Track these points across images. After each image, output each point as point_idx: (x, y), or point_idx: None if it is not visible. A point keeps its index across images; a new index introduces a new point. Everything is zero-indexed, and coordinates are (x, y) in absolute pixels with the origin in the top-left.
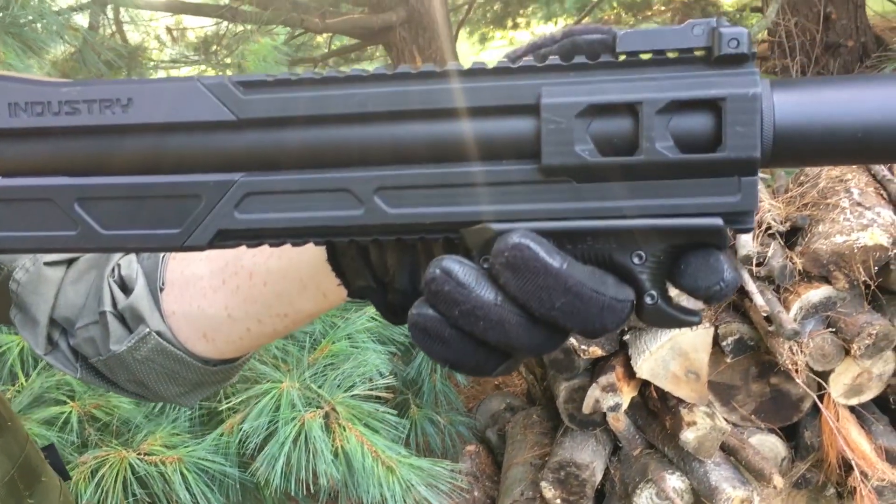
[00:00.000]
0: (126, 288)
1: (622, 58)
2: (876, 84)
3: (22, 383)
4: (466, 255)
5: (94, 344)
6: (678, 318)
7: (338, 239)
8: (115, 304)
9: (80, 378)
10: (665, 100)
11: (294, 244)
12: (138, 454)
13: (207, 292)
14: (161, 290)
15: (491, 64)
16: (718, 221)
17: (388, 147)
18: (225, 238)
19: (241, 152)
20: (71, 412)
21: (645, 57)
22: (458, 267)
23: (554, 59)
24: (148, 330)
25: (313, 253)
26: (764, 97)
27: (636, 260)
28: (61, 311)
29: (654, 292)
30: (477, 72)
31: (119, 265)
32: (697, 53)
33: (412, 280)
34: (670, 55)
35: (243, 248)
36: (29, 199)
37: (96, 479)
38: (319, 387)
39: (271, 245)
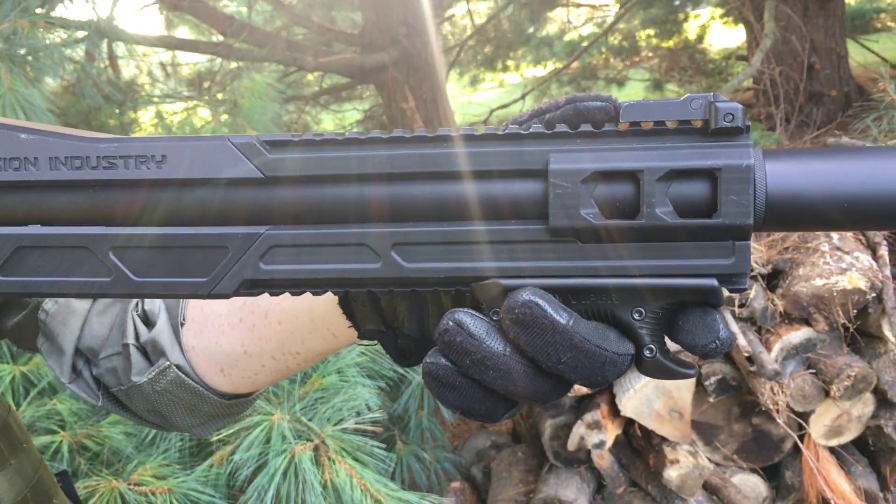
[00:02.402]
0: (149, 322)
1: (625, 126)
2: (861, 156)
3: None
4: (476, 308)
5: (116, 374)
6: (675, 371)
7: (356, 290)
8: (137, 336)
9: (102, 406)
10: (665, 168)
11: (314, 293)
12: (128, 484)
13: (225, 329)
14: (182, 325)
15: (503, 130)
16: (713, 282)
17: (407, 206)
18: (250, 287)
19: (266, 207)
20: (62, 441)
21: (647, 127)
22: (469, 319)
23: (562, 127)
24: (168, 363)
25: (326, 296)
26: (757, 167)
27: (636, 316)
28: (86, 342)
29: (653, 346)
30: (491, 137)
31: (142, 300)
32: (695, 125)
33: (420, 327)
34: (670, 126)
35: None
36: (67, 246)
37: None
38: (310, 420)
39: (293, 294)
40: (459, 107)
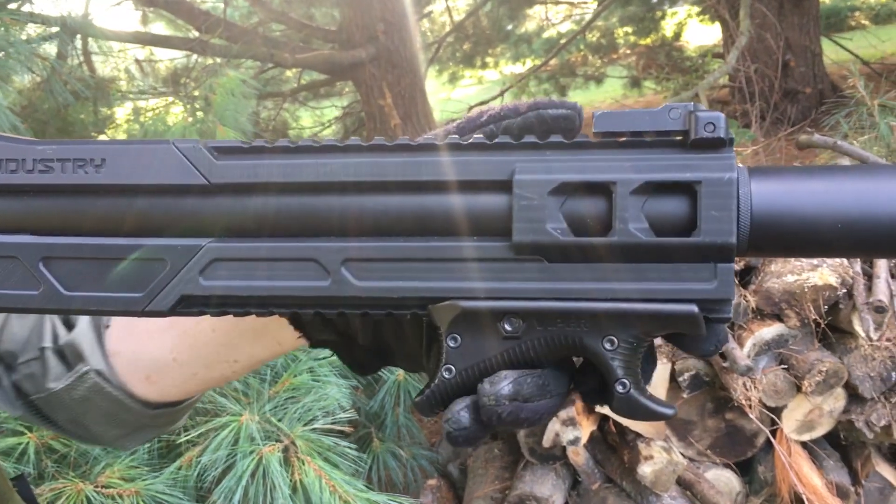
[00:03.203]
0: (70, 324)
1: (598, 137)
2: (856, 176)
3: None
4: (434, 331)
5: (34, 381)
6: (651, 410)
7: (303, 311)
8: (56, 339)
9: (20, 417)
10: (639, 181)
11: (258, 314)
12: (95, 487)
13: (154, 334)
14: (106, 328)
15: (468, 140)
16: (693, 308)
17: (358, 218)
18: (188, 305)
19: (210, 217)
20: (28, 443)
21: (621, 138)
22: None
23: (530, 138)
24: (87, 368)
25: None
26: (741, 183)
27: (608, 345)
28: (4, 346)
29: (626, 381)
30: (454, 147)
31: None
32: (674, 137)
33: (376, 338)
34: (647, 137)
35: None
36: None
37: None
38: (279, 420)
39: (235, 315)
40: (438, 103)
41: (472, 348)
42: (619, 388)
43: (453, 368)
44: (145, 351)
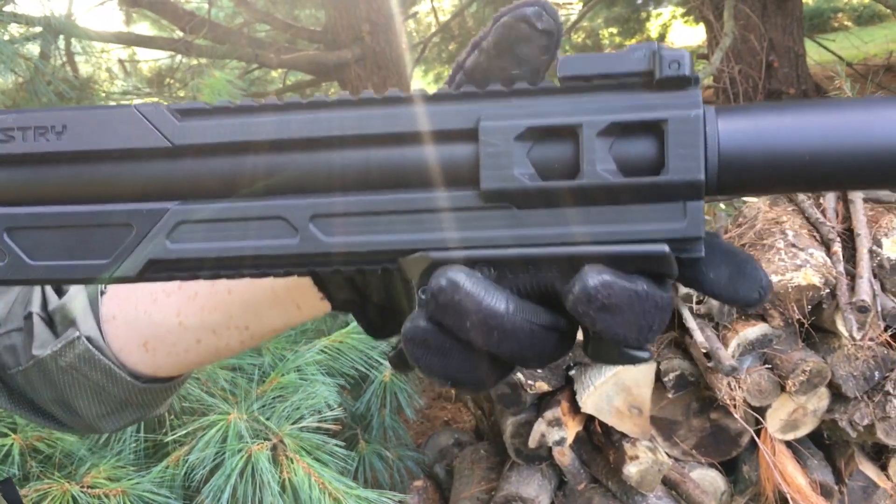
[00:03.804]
0: (62, 291)
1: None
2: (822, 109)
3: None
4: (406, 285)
5: (14, 353)
6: (626, 355)
7: (274, 271)
8: (45, 305)
9: None
10: (605, 122)
11: (229, 277)
12: (81, 487)
13: (159, 296)
14: (102, 293)
15: (431, 90)
16: (664, 248)
17: (324, 173)
18: (156, 269)
19: (175, 180)
20: (13, 444)
21: (586, 81)
22: (466, 277)
23: (494, 85)
24: (78, 334)
25: None
26: (708, 121)
27: None
28: None
29: None
30: (416, 98)
31: None
32: (640, 77)
33: (388, 295)
34: (612, 79)
35: None
36: None
37: None
38: (267, 419)
39: (205, 278)
40: None
41: None
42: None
43: None
44: (148, 314)
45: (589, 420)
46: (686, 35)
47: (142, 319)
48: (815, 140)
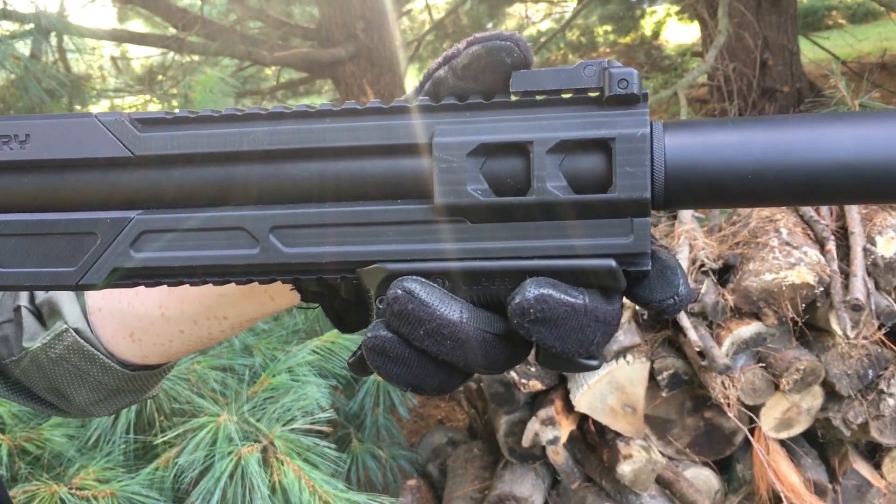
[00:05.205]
0: None
1: (516, 98)
2: (765, 126)
3: None
4: (364, 295)
5: (7, 344)
6: (573, 363)
7: (236, 279)
8: (32, 298)
9: None
10: (555, 139)
11: (192, 284)
12: (70, 489)
13: (141, 289)
14: None
15: (388, 103)
16: (611, 262)
17: (284, 185)
18: (121, 277)
19: (137, 189)
20: (1, 445)
21: (539, 97)
22: (420, 287)
23: (449, 99)
24: (65, 326)
25: None
26: (655, 138)
27: None
28: None
29: None
30: (376, 111)
31: None
32: (590, 94)
33: (356, 290)
34: (563, 95)
35: None
36: None
37: None
38: (258, 420)
39: (169, 285)
40: None
41: None
42: None
43: None
44: (131, 306)
45: (583, 419)
46: (680, 33)
47: (126, 311)
48: (757, 157)
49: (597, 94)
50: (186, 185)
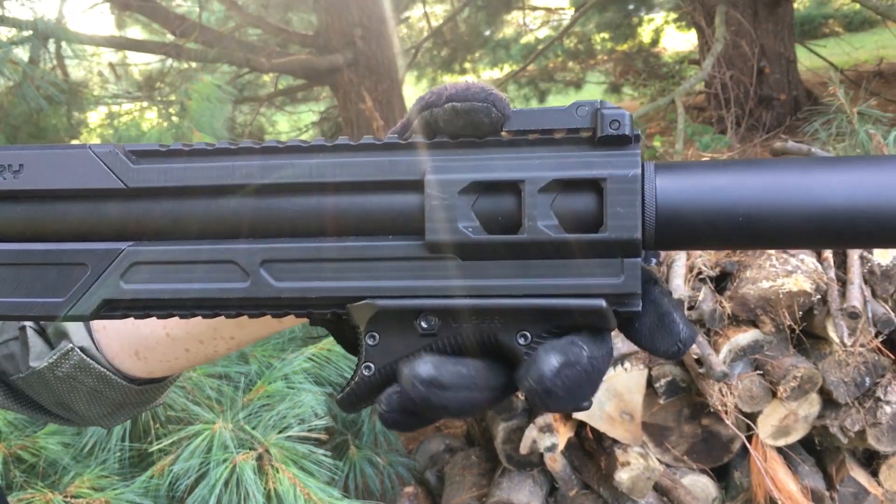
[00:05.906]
0: None
1: (509, 136)
2: (757, 169)
3: None
4: (353, 330)
5: (13, 361)
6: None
7: (226, 312)
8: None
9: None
10: (547, 179)
11: (182, 317)
12: (65, 497)
13: None
14: None
15: (381, 140)
16: (601, 303)
17: (276, 219)
18: (110, 308)
19: (129, 221)
20: None
21: (531, 136)
22: (436, 371)
23: (441, 138)
24: (71, 346)
25: None
26: (647, 179)
27: (521, 340)
28: None
29: None
30: (368, 147)
31: None
32: (582, 134)
33: None
34: (556, 135)
35: None
36: None
37: None
38: (253, 428)
39: (158, 317)
40: None
41: (390, 346)
42: None
43: (372, 366)
44: (136, 327)
45: (580, 426)
46: (678, 41)
47: (130, 331)
48: (749, 200)
49: (589, 134)
50: (178, 218)
